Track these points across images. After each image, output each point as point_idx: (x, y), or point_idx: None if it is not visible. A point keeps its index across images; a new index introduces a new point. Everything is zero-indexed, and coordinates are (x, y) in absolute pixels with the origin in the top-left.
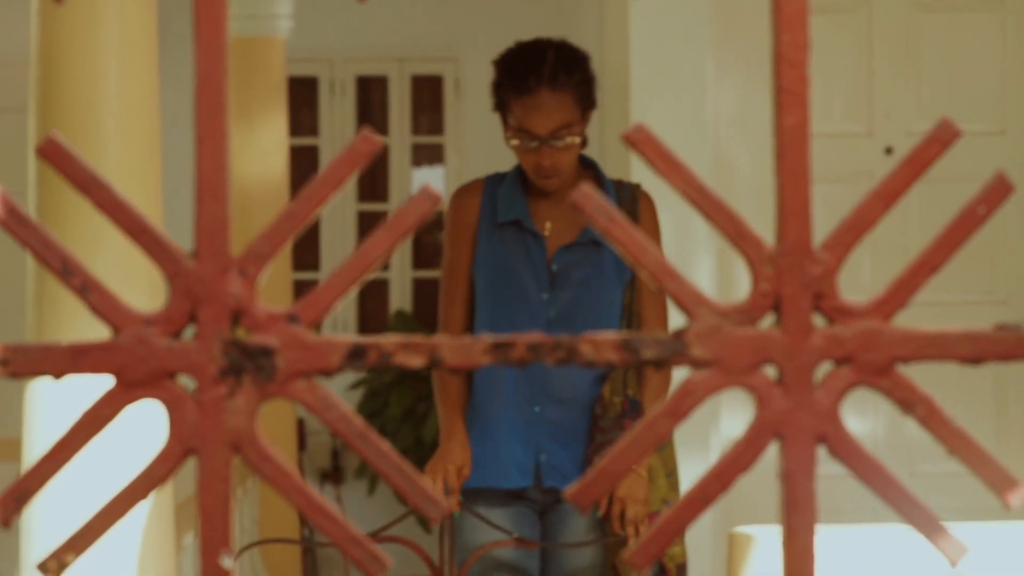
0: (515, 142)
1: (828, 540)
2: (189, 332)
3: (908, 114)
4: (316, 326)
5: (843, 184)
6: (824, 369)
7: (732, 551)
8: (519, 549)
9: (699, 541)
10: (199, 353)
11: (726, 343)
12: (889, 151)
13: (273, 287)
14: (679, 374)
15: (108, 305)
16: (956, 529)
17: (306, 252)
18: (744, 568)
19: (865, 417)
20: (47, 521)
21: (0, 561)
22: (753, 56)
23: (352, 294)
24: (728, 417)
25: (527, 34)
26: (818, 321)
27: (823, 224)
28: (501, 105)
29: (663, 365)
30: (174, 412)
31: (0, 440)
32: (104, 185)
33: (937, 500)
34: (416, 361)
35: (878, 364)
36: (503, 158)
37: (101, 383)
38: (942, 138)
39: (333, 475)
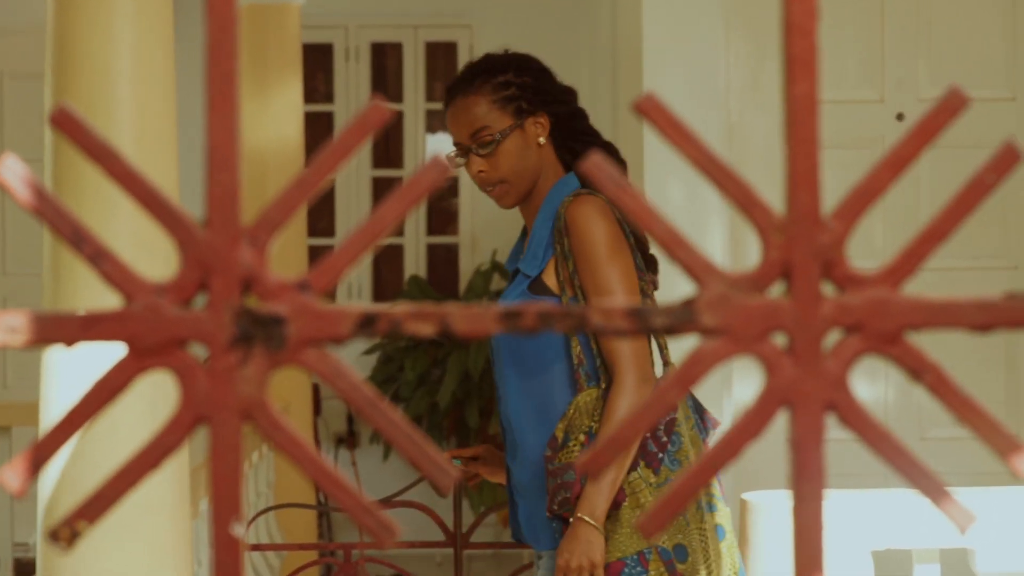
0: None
1: (838, 504)
2: (200, 301)
3: (919, 81)
4: (329, 293)
5: (855, 150)
6: (833, 337)
7: (744, 517)
8: None
9: None
10: (210, 322)
11: (735, 311)
12: (900, 117)
13: (288, 253)
14: (688, 343)
15: (120, 274)
16: (965, 495)
17: (321, 218)
18: (756, 533)
19: (876, 383)
20: (66, 488)
21: (20, 528)
22: (765, 24)
23: (365, 261)
24: (740, 383)
25: (541, 2)
26: (828, 289)
27: (835, 190)
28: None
29: (672, 333)
30: (185, 380)
31: (25, 405)
32: (115, 154)
33: (947, 464)
34: (426, 329)
35: (888, 332)
36: None
37: (117, 348)
38: (951, 106)
39: (348, 440)
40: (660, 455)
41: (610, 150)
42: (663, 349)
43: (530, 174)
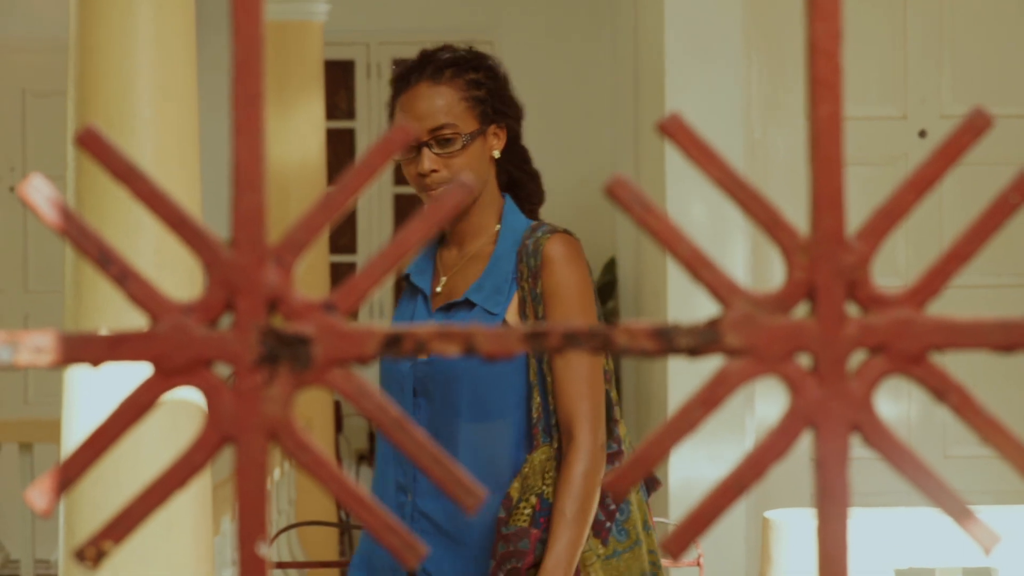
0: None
1: (862, 523)
2: (226, 321)
3: (942, 98)
4: (353, 313)
5: (878, 167)
6: (858, 358)
7: (767, 535)
8: None
9: (733, 525)
10: (236, 342)
11: (760, 332)
12: (923, 134)
13: (310, 271)
14: (712, 363)
15: (146, 294)
16: (988, 514)
17: (343, 236)
18: (778, 552)
19: (899, 401)
20: (88, 506)
21: (40, 545)
22: (786, 41)
23: (388, 281)
24: (763, 402)
25: (563, 17)
26: (852, 310)
27: (858, 206)
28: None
29: (697, 353)
30: (211, 400)
31: (47, 422)
32: (141, 175)
33: (970, 483)
34: (451, 349)
35: (912, 353)
36: (538, 145)
37: (139, 367)
38: (975, 126)
39: (370, 457)
40: (608, 524)
41: (537, 180)
42: (614, 405)
43: (479, 186)
